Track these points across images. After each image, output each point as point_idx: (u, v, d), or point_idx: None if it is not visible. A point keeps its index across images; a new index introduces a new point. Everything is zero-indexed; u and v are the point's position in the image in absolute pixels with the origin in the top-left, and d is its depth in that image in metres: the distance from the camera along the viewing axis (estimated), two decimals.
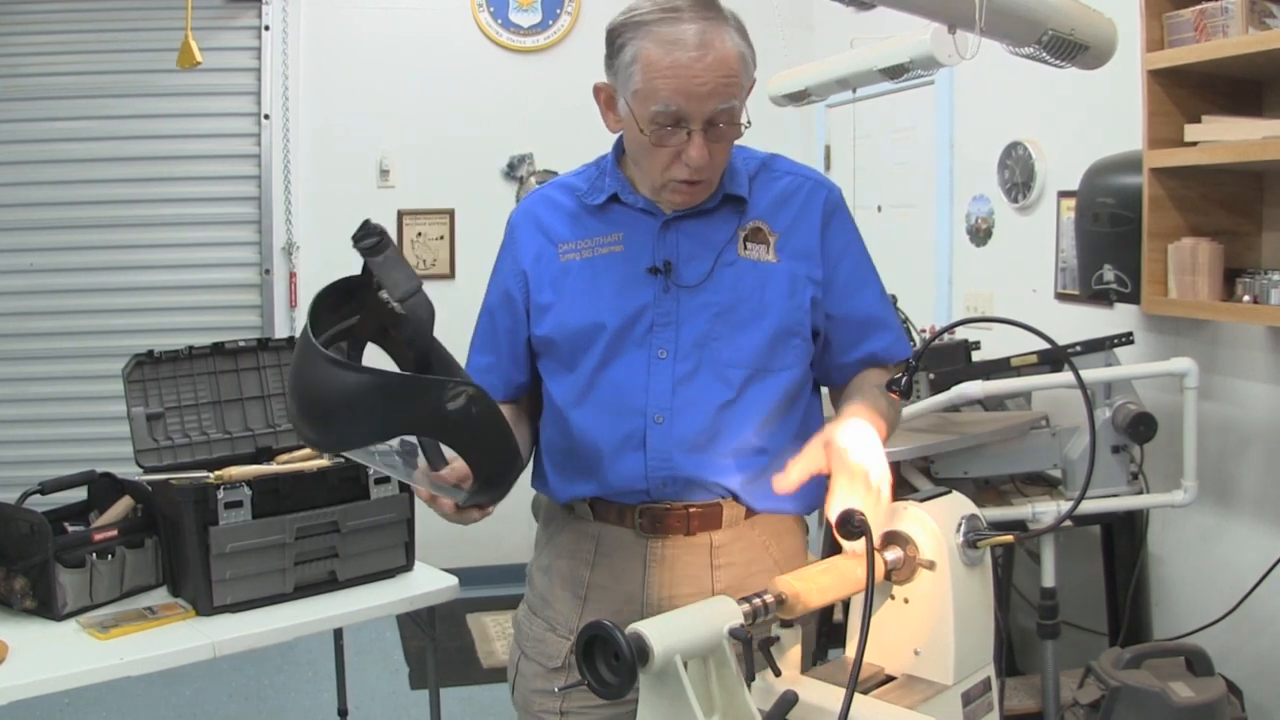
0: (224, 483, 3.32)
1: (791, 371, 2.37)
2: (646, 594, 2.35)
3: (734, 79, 2.20)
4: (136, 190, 6.44)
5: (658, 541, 2.35)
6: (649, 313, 2.33)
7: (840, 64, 4.25)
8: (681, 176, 2.25)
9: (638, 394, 2.31)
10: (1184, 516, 4.22)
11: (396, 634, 6.02)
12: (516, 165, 6.78)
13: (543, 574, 2.52)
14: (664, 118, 2.19)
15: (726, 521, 2.35)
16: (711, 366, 2.31)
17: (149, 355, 3.62)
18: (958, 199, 5.75)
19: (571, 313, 2.37)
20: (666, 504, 2.33)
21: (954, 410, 4.08)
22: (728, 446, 2.32)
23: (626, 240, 2.38)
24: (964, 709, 1.97)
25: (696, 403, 2.30)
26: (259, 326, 6.58)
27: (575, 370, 2.38)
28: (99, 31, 6.31)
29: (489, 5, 6.84)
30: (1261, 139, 3.43)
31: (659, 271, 2.33)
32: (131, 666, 2.99)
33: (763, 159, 2.49)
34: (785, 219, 2.41)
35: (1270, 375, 3.91)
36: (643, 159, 2.30)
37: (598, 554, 2.41)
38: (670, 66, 2.16)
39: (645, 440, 2.30)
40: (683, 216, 2.36)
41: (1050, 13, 3.19)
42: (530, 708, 2.47)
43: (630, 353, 2.33)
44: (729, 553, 2.36)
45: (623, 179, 2.41)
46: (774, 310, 2.34)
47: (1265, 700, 3.88)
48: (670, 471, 2.30)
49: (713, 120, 2.20)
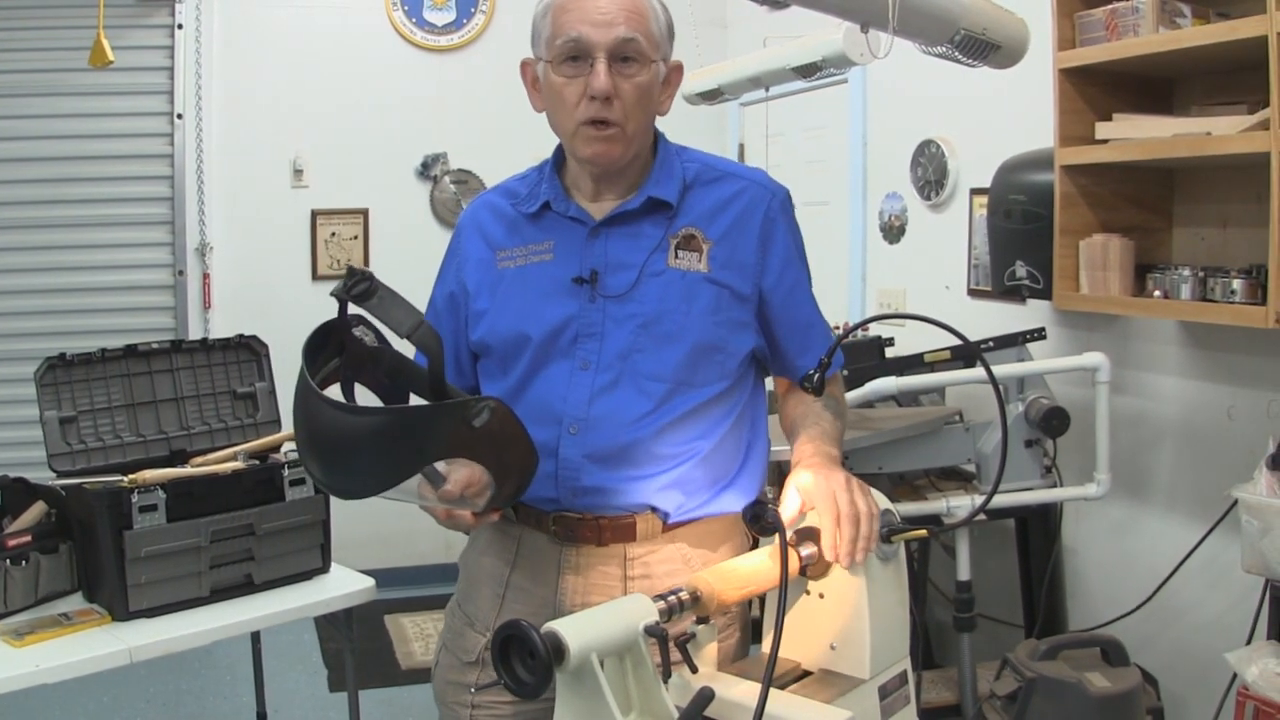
0: (138, 486, 3.28)
1: (714, 387, 2.34)
2: (559, 599, 2.33)
3: (639, 14, 2.24)
4: (47, 191, 6.35)
5: (571, 549, 2.33)
6: (574, 324, 2.31)
7: (753, 62, 4.26)
8: (589, 113, 2.23)
9: (556, 403, 2.29)
10: (1097, 509, 4.26)
11: (314, 636, 5.98)
12: (431, 164, 6.73)
13: (468, 568, 2.52)
14: (568, 47, 2.22)
15: (641, 535, 2.32)
16: (632, 379, 2.29)
17: (61, 358, 3.57)
18: (871, 196, 5.79)
19: (502, 321, 2.37)
20: (579, 514, 2.31)
21: (868, 406, 4.10)
22: (643, 460, 2.29)
23: (556, 249, 2.36)
24: (881, 702, 1.98)
25: (612, 415, 2.28)
26: (172, 328, 6.50)
27: (507, 376, 2.37)
28: (8, 30, 6.21)
29: (403, 4, 6.80)
30: (1171, 136, 3.47)
31: (584, 282, 2.31)
32: (47, 674, 2.96)
33: (705, 161, 2.46)
34: (721, 226, 2.36)
35: (1181, 369, 3.96)
36: (556, 111, 2.30)
37: (519, 555, 2.39)
38: (575, 1, 2.22)
39: (557, 450, 2.28)
40: (610, 223, 2.34)
41: (962, 12, 3.21)
42: (445, 698, 2.48)
43: (556, 363, 2.31)
44: (644, 564, 2.33)
45: (558, 186, 2.39)
46: (697, 325, 2.31)
47: (1180, 689, 3.93)
48: (577, 482, 2.27)
49: (617, 53, 2.22)
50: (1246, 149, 3.16)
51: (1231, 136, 3.23)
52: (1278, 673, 3.02)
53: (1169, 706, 3.86)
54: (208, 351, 3.87)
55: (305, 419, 2.01)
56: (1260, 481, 3.13)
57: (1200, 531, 3.77)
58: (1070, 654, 3.59)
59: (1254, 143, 3.13)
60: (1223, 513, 3.61)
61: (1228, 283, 3.35)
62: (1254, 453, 3.28)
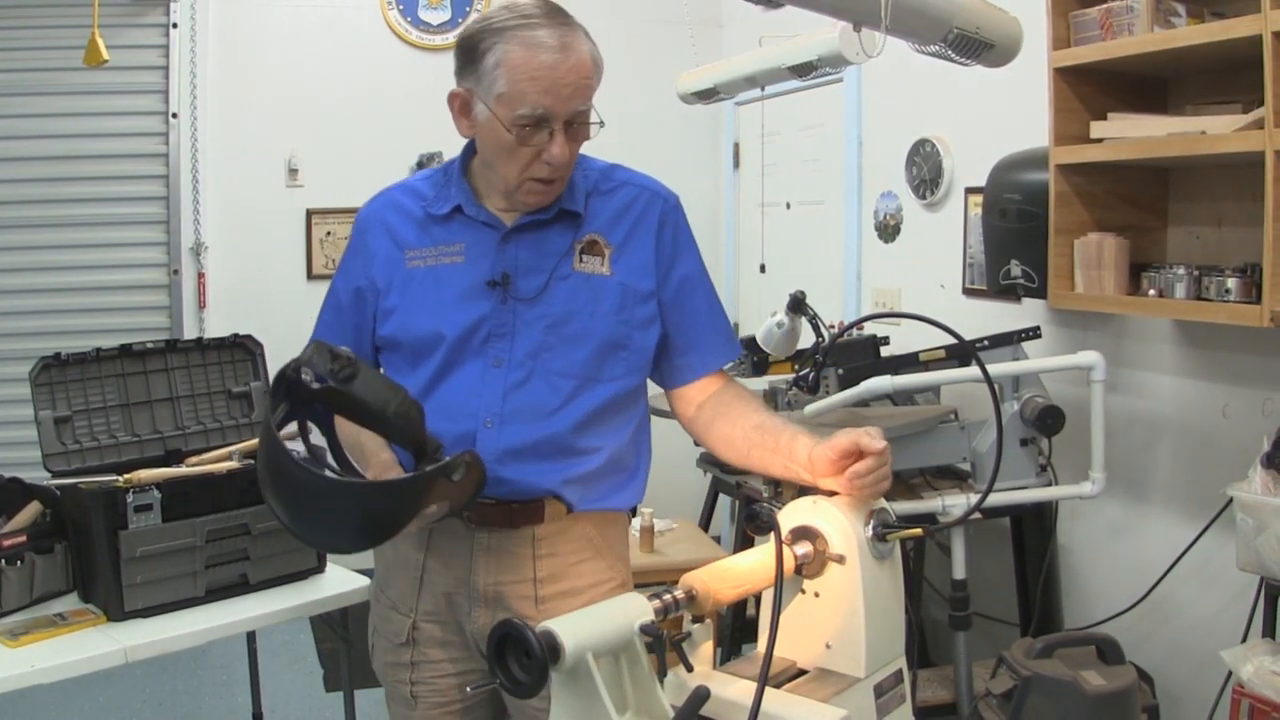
0: (133, 486, 3.27)
1: (620, 382, 2.50)
2: (473, 579, 2.50)
3: (590, 81, 2.35)
4: (42, 190, 6.34)
5: (484, 533, 2.49)
6: (486, 324, 2.44)
7: (749, 62, 4.25)
8: (542, 175, 2.37)
9: (471, 399, 2.44)
10: (1092, 508, 4.27)
11: (310, 636, 5.98)
12: (426, 163, 6.68)
13: (383, 556, 2.67)
14: (529, 119, 2.30)
15: (549, 517, 2.48)
16: (543, 376, 2.44)
17: (56, 358, 3.56)
18: (866, 196, 5.79)
19: (413, 319, 2.49)
20: (492, 500, 2.44)
21: (863, 405, 4.10)
22: (552, 451, 2.45)
23: (468, 252, 2.49)
24: (876, 701, 1.98)
25: (525, 410, 2.43)
26: (167, 327, 6.50)
27: (416, 370, 2.49)
28: (3, 29, 6.20)
29: (398, 3, 6.82)
30: (1166, 136, 3.47)
31: (497, 284, 2.44)
32: (43, 674, 2.95)
33: (602, 169, 2.59)
34: (621, 231, 2.51)
35: (1175, 368, 3.96)
36: (501, 161, 2.40)
37: (430, 540, 2.53)
38: (536, 69, 2.27)
39: (475, 443, 2.41)
40: (521, 230, 2.47)
41: (955, 11, 3.21)
42: (387, 677, 2.66)
43: (468, 361, 2.46)
44: (551, 544, 2.51)
45: (467, 190, 2.52)
46: (603, 324, 2.46)
47: (1175, 687, 3.94)
48: (494, 473, 2.38)
49: (571, 120, 2.33)
50: (1241, 148, 3.16)
51: (1226, 136, 3.24)
52: (1273, 670, 3.03)
53: (1164, 704, 3.86)
54: (203, 351, 3.87)
55: (286, 494, 2.20)
56: (1255, 480, 3.13)
57: (1195, 529, 3.77)
58: (1066, 652, 3.60)
59: (1248, 142, 3.13)
60: (1218, 511, 3.62)
61: (1222, 281, 3.36)
62: (1249, 451, 3.29)
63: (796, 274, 5.97)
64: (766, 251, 6.03)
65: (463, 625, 2.53)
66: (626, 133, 4.23)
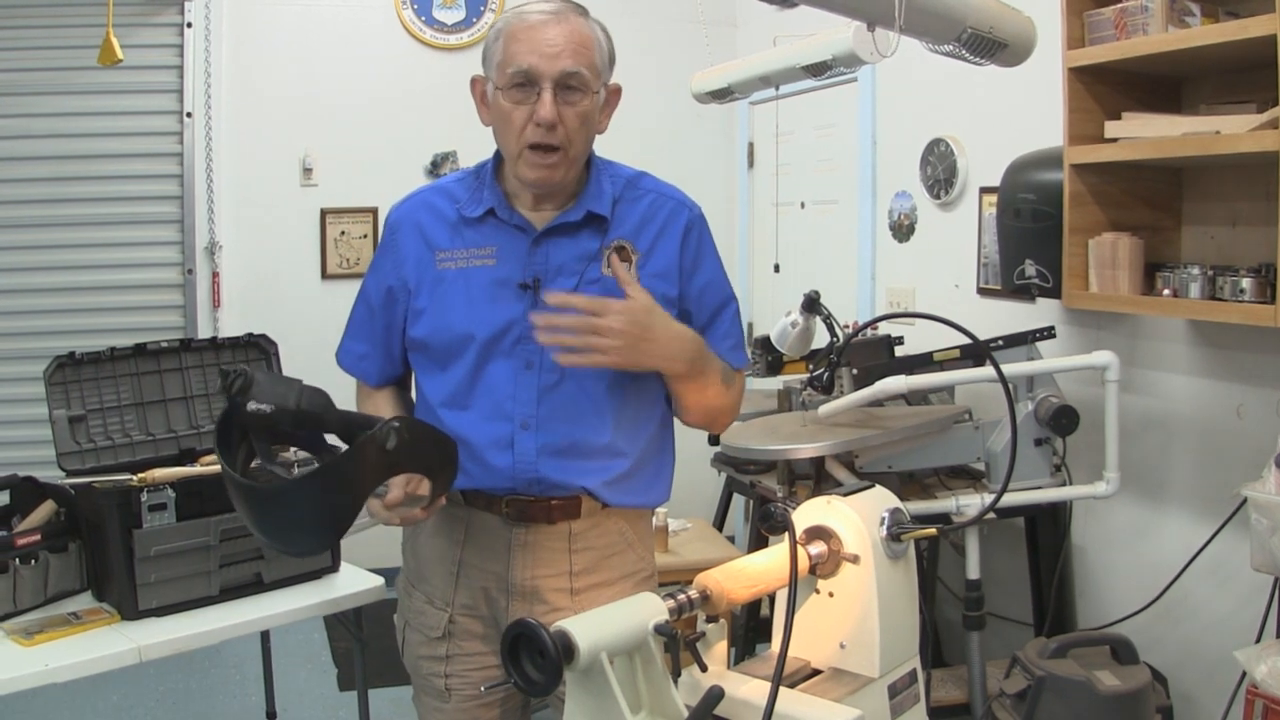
0: (147, 485, 3.28)
1: (647, 383, 2.56)
2: (511, 574, 2.55)
3: (585, 49, 2.42)
4: (57, 189, 6.33)
5: (521, 529, 2.54)
6: (517, 326, 2.48)
7: (763, 61, 4.25)
8: (534, 139, 2.41)
9: (506, 402, 2.50)
10: (1106, 507, 4.26)
11: (324, 635, 5.99)
12: (440, 163, 6.73)
13: (415, 553, 2.72)
14: (518, 77, 2.39)
15: (585, 513, 2.56)
16: (575, 379, 2.49)
17: (70, 357, 3.57)
18: (880, 195, 5.78)
19: (444, 320, 2.53)
20: (531, 497, 2.52)
21: (877, 405, 4.10)
22: (589, 451, 2.52)
23: (499, 254, 2.53)
24: (890, 701, 1.98)
25: (561, 412, 2.50)
26: (181, 327, 6.50)
27: (447, 371, 2.54)
28: (18, 28, 6.20)
29: (413, 3, 6.81)
30: (1180, 135, 3.47)
31: (528, 287, 2.48)
32: (57, 673, 2.96)
33: (629, 177, 2.63)
34: (647, 238, 2.56)
35: (1190, 367, 3.95)
36: (502, 131, 2.49)
37: (467, 535, 2.59)
38: (525, 30, 2.40)
39: (513, 444, 2.49)
40: (551, 233, 2.51)
41: (969, 11, 3.20)
42: (420, 671, 2.69)
43: (498, 362, 2.51)
44: (586, 538, 2.57)
45: (500, 193, 2.55)
46: None
47: (1190, 688, 3.93)
48: (534, 473, 2.49)
49: (562, 83, 2.40)
50: (1256, 148, 3.16)
51: (1241, 135, 3.23)
52: None
53: (1178, 705, 3.85)
54: (217, 350, 3.87)
55: (244, 509, 2.22)
56: (1269, 480, 3.12)
57: (1209, 530, 3.76)
58: (1080, 652, 3.59)
59: (1263, 141, 3.12)
60: (1232, 511, 3.62)
61: (1237, 281, 3.36)
62: (1263, 451, 3.28)
63: (811, 273, 5.97)
64: (781, 251, 6.02)
65: (498, 619, 2.56)
66: (641, 132, 4.24)
